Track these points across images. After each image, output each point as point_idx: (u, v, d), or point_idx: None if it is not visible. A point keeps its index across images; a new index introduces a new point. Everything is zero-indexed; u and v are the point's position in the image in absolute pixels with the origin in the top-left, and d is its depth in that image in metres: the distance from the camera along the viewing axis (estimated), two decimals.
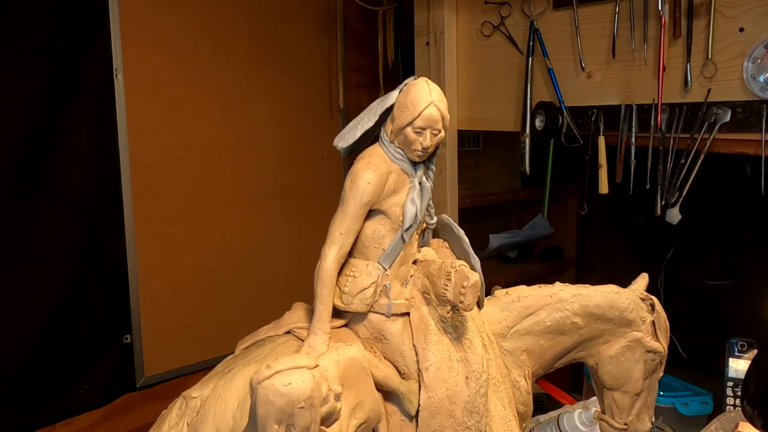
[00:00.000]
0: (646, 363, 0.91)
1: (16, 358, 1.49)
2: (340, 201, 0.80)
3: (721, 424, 1.15)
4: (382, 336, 0.83)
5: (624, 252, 2.37)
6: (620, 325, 0.90)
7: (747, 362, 1.18)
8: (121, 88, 1.61)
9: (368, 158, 0.80)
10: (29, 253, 1.50)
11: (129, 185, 1.64)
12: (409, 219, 0.81)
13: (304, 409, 0.63)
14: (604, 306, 0.90)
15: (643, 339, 0.90)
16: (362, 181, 0.79)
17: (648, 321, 0.91)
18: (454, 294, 0.79)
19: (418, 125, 0.78)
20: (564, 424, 1.09)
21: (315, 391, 0.64)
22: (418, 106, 0.78)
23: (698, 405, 1.35)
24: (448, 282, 0.80)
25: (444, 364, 0.81)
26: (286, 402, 0.62)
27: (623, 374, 0.91)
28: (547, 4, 1.45)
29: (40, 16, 1.47)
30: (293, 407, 0.62)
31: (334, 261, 0.79)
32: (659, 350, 0.91)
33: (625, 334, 0.91)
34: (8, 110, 1.44)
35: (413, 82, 0.79)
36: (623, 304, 0.90)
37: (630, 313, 0.90)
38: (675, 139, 1.25)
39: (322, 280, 0.79)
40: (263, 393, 0.62)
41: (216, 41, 1.80)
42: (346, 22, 2.13)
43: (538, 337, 0.91)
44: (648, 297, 0.93)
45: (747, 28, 1.17)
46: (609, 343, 0.91)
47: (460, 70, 1.68)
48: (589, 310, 0.89)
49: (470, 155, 2.12)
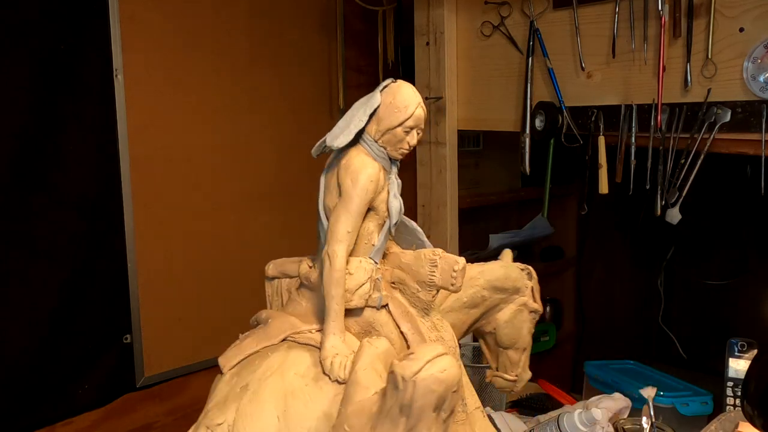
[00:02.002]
0: (531, 322, 1.06)
1: (16, 358, 1.49)
2: (342, 200, 0.81)
3: (721, 424, 1.15)
4: (372, 328, 0.86)
5: (624, 252, 2.38)
6: (512, 293, 1.04)
7: (747, 362, 1.18)
8: (121, 88, 1.61)
9: (361, 157, 0.82)
10: (29, 253, 1.50)
11: (129, 185, 1.64)
12: (395, 214, 0.85)
13: (456, 392, 0.66)
14: (502, 278, 1.02)
15: (528, 302, 1.04)
16: (366, 180, 0.81)
17: (530, 287, 1.05)
18: (443, 279, 0.84)
19: (409, 125, 0.83)
20: (564, 424, 1.09)
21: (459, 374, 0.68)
22: (409, 107, 0.83)
23: (698, 405, 1.34)
24: (434, 268, 0.85)
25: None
26: (445, 388, 0.65)
27: (516, 334, 1.05)
28: (547, 4, 1.45)
29: (40, 16, 1.47)
30: (449, 391, 0.65)
31: (344, 260, 0.80)
32: (539, 310, 1.06)
33: (514, 300, 1.04)
34: (8, 110, 1.45)
35: (396, 84, 0.84)
36: (514, 275, 1.03)
37: (518, 282, 1.04)
38: (675, 139, 1.25)
39: (336, 280, 0.80)
40: (424, 384, 0.64)
41: (216, 41, 1.80)
42: (346, 22, 2.13)
43: (459, 313, 1.00)
44: (526, 267, 1.06)
45: (747, 28, 1.17)
46: (503, 310, 1.04)
47: (460, 70, 1.68)
48: (492, 283, 1.01)
49: (470, 155, 2.12)
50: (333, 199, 0.83)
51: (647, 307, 2.25)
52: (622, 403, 1.16)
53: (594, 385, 1.50)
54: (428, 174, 1.76)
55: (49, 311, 1.53)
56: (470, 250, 2.13)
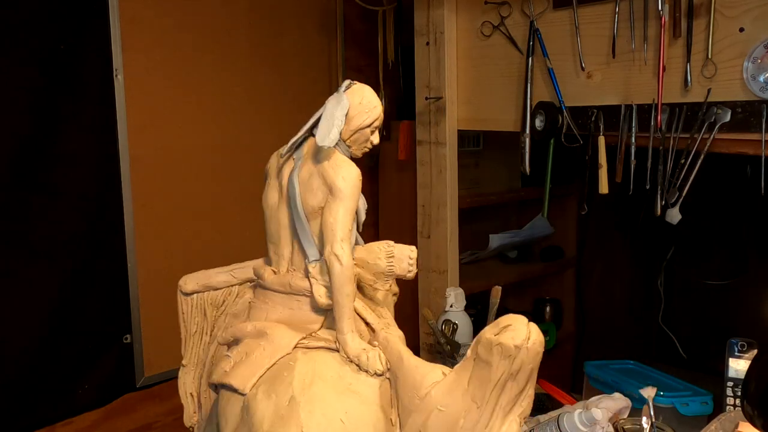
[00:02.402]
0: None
1: (16, 358, 1.49)
2: (338, 199, 0.82)
3: (721, 424, 1.14)
4: None
5: (624, 252, 2.38)
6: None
7: (747, 362, 1.18)
8: (121, 88, 1.61)
9: (341, 157, 0.85)
10: (29, 253, 1.50)
11: (129, 185, 1.64)
12: (363, 211, 0.89)
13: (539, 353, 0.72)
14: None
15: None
16: (357, 178, 0.83)
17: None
18: (401, 268, 0.90)
19: (376, 125, 0.87)
20: (564, 424, 1.09)
21: None
22: (377, 108, 0.87)
23: (698, 405, 1.34)
24: (392, 259, 0.90)
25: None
26: (542, 348, 0.71)
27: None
28: (547, 4, 1.45)
29: (40, 17, 1.47)
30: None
31: (351, 257, 0.82)
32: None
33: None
34: (8, 110, 1.45)
35: (358, 86, 0.87)
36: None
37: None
38: (675, 139, 1.25)
39: (349, 278, 0.81)
40: (534, 348, 0.70)
41: (216, 41, 1.80)
42: (346, 22, 2.13)
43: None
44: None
45: (747, 28, 1.16)
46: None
47: (460, 70, 1.68)
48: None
49: (470, 155, 2.12)
50: (315, 200, 0.84)
51: (647, 307, 2.25)
52: (622, 403, 1.16)
53: (594, 385, 1.50)
54: (428, 174, 1.76)
55: (49, 311, 1.53)
56: (470, 250, 2.13)
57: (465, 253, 2.04)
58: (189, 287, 0.98)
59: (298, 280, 0.87)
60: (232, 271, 0.97)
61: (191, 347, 1.00)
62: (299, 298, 0.87)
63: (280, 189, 0.90)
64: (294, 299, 0.87)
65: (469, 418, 0.70)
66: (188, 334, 1.00)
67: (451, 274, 1.75)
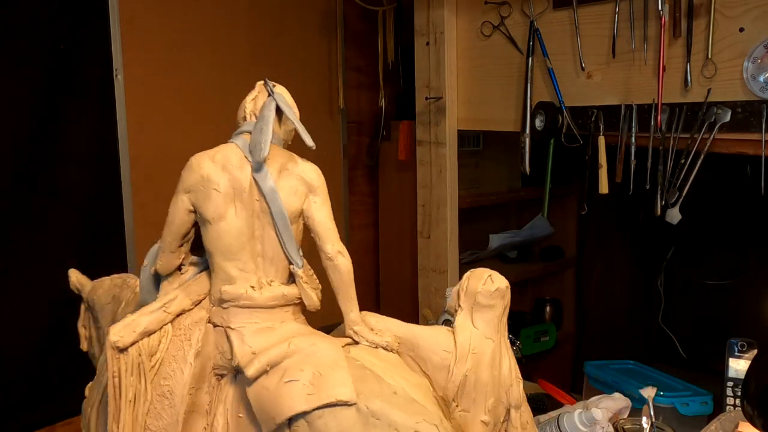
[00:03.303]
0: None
1: (16, 358, 1.49)
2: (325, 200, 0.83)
3: (721, 424, 1.14)
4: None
5: (624, 252, 2.38)
6: None
7: (747, 362, 1.18)
8: (121, 88, 1.61)
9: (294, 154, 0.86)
10: (29, 253, 1.50)
11: (129, 185, 1.64)
12: None
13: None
14: None
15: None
16: None
17: None
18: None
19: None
20: (564, 424, 1.09)
21: None
22: (294, 107, 0.89)
23: (698, 405, 1.34)
24: None
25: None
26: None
27: None
28: (547, 4, 1.45)
29: (40, 16, 1.47)
30: None
31: None
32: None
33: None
34: (8, 110, 1.45)
35: (280, 86, 0.90)
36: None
37: None
38: (675, 139, 1.25)
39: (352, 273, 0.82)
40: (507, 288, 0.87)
41: (216, 41, 1.80)
42: (346, 22, 2.13)
43: None
44: None
45: (747, 28, 1.16)
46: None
47: (460, 70, 1.68)
48: None
49: (470, 155, 2.12)
50: (298, 202, 0.81)
51: (647, 307, 2.25)
52: (622, 403, 1.16)
53: (594, 385, 1.50)
54: (428, 174, 1.76)
55: (49, 311, 1.53)
56: (470, 250, 2.13)
57: (465, 253, 2.04)
58: (126, 339, 0.76)
59: (290, 289, 0.81)
60: (164, 307, 0.80)
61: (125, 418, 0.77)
62: (287, 308, 0.81)
63: (243, 196, 0.81)
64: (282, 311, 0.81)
65: (495, 350, 0.84)
66: (125, 401, 0.77)
67: (451, 274, 1.75)
